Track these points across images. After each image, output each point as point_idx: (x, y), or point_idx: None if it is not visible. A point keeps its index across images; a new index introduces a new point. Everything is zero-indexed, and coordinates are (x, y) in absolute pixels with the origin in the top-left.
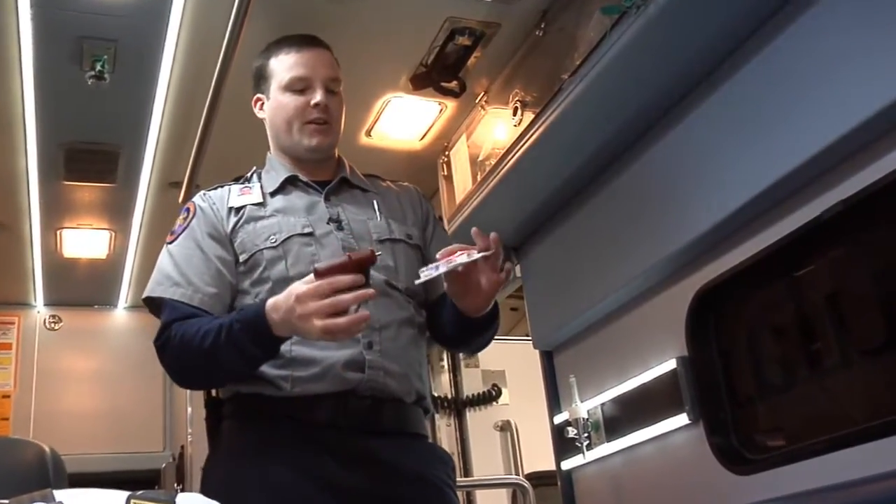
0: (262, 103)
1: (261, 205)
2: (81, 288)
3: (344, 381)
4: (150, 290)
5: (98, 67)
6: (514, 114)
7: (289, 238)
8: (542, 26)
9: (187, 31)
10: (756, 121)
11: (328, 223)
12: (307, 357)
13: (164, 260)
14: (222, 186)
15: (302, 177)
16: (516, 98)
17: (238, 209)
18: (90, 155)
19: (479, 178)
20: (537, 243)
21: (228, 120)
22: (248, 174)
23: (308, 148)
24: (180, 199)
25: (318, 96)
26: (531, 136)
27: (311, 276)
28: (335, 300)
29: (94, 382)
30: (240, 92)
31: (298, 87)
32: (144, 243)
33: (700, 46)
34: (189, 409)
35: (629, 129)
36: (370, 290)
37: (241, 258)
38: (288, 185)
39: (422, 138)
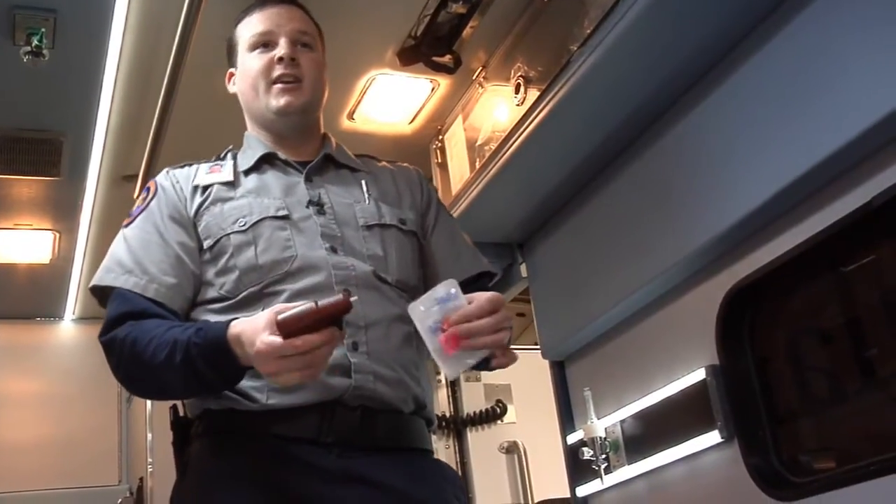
0: (233, 76)
1: (231, 184)
2: (20, 298)
3: (328, 389)
4: (99, 277)
5: (35, 42)
6: (517, 91)
7: (260, 221)
8: None
9: None
10: (797, 92)
11: (308, 206)
12: None
13: (117, 245)
14: (191, 165)
15: (281, 154)
16: (519, 73)
17: (204, 188)
18: (28, 144)
19: (477, 165)
20: (545, 239)
21: (190, 102)
22: (222, 153)
23: (277, 110)
24: (135, 194)
25: (282, 49)
26: (536, 116)
27: (272, 318)
28: (311, 358)
29: (36, 407)
30: (202, 70)
31: (262, 43)
32: (94, 245)
33: (730, 10)
34: (149, 435)
35: (648, 108)
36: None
37: (206, 244)
38: (264, 163)
39: (411, 121)
